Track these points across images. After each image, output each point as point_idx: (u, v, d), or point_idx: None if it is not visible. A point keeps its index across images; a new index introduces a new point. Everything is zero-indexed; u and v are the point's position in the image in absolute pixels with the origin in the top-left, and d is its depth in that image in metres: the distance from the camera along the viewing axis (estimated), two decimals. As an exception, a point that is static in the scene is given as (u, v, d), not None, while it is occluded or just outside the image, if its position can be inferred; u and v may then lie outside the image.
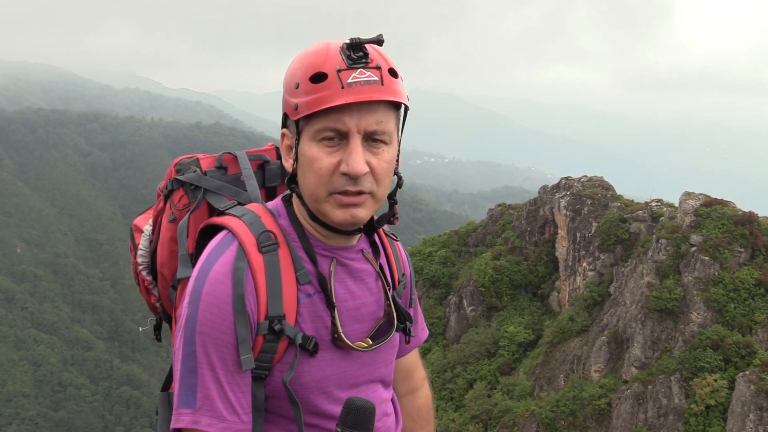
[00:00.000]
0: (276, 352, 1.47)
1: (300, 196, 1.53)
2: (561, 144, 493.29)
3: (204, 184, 1.72)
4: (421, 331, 1.94)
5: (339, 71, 1.41)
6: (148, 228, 1.87)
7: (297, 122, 1.48)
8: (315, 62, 1.44)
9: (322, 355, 1.53)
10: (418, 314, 1.90)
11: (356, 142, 1.43)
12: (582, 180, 34.86)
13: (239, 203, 1.67)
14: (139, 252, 1.88)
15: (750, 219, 26.01)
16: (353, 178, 1.44)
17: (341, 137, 1.44)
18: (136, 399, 68.54)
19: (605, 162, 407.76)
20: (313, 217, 1.53)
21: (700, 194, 28.41)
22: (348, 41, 1.44)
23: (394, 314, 1.67)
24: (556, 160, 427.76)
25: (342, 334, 1.54)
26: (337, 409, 1.53)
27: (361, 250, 1.61)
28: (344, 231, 1.54)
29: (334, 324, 1.53)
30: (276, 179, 1.84)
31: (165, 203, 1.79)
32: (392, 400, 1.82)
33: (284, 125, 1.56)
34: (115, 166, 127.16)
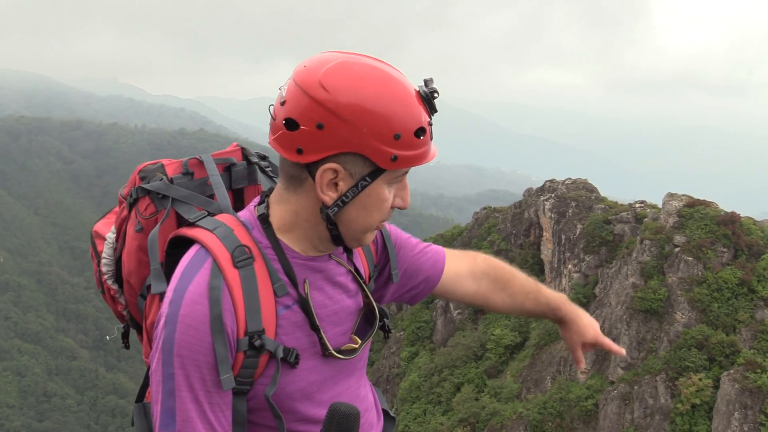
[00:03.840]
0: (257, 367, 1.46)
1: (332, 222, 1.49)
2: (545, 147, 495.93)
3: (172, 194, 1.67)
4: (435, 253, 1.92)
5: (430, 124, 1.45)
6: (111, 235, 1.81)
7: (379, 168, 1.43)
8: (415, 114, 1.41)
9: (305, 363, 1.53)
10: (416, 249, 1.88)
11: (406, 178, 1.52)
12: (566, 182, 35.06)
13: (210, 213, 1.63)
14: (103, 261, 1.82)
15: (732, 219, 26.27)
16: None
17: None
18: (122, 408, 68.01)
19: (589, 164, 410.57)
20: (325, 239, 1.54)
21: (683, 195, 28.66)
22: (426, 90, 1.45)
23: (376, 310, 1.68)
24: (541, 162, 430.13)
25: (333, 351, 1.55)
26: (321, 413, 1.52)
27: (330, 255, 1.60)
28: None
29: (322, 343, 1.54)
30: (243, 181, 1.80)
31: (130, 211, 1.73)
32: (370, 389, 1.82)
33: (331, 159, 1.42)
34: (99, 174, 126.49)
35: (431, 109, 1.45)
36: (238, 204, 1.77)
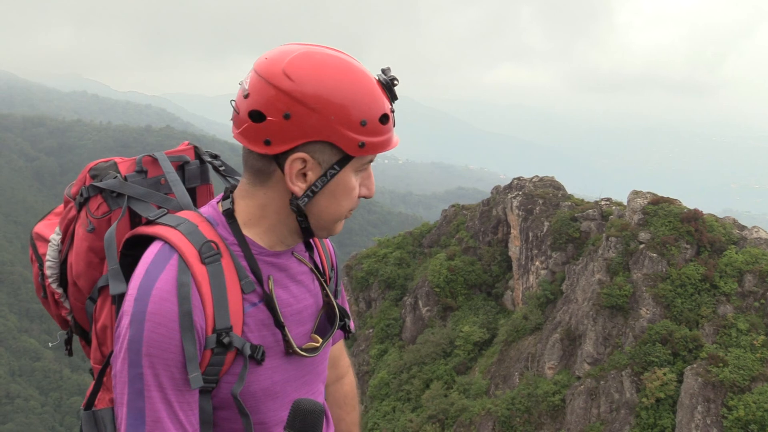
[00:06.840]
0: (223, 364, 1.44)
1: (302, 214, 1.50)
2: (512, 144, 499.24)
3: (128, 191, 1.63)
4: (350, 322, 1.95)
5: (392, 111, 1.48)
6: (56, 237, 1.75)
7: (346, 155, 1.45)
8: (379, 101, 1.44)
9: (269, 362, 1.52)
10: (345, 304, 1.89)
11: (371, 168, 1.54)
12: (533, 180, 35.35)
13: (169, 211, 1.60)
14: (48, 263, 1.76)
15: (695, 216, 26.72)
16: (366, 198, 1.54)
17: None
18: (88, 409, 66.98)
19: (556, 162, 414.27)
20: (294, 231, 1.55)
21: (648, 193, 29.04)
22: (386, 78, 1.47)
23: (336, 310, 1.68)
24: (508, 160, 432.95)
25: (297, 348, 1.54)
26: (285, 414, 1.52)
27: (292, 252, 1.60)
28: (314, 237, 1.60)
29: (286, 340, 1.53)
30: (195, 180, 1.78)
31: (79, 211, 1.69)
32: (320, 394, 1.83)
33: (299, 149, 1.42)
34: (63, 171, 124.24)
35: (392, 97, 1.47)
36: None
